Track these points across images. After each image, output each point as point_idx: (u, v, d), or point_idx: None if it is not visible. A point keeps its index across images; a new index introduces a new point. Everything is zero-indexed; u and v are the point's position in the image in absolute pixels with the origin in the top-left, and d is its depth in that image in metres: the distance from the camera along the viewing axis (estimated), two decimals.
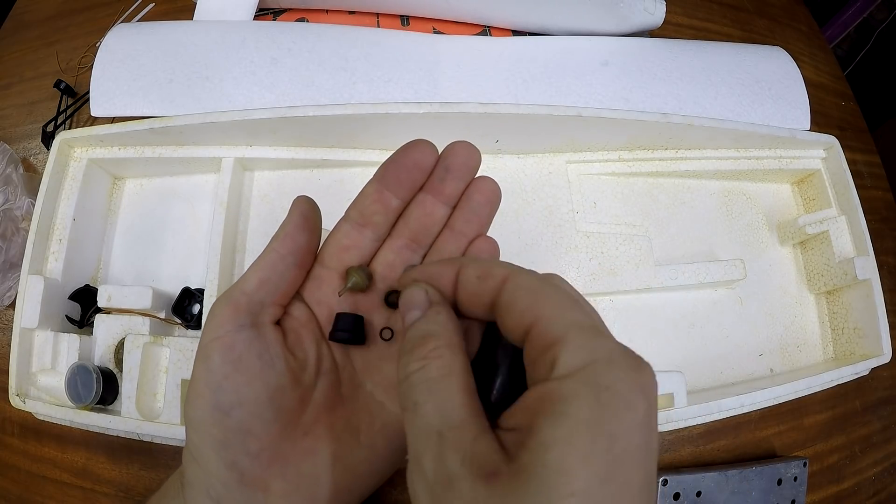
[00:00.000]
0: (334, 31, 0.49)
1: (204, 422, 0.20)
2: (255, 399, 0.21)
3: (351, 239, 0.23)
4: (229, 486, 0.20)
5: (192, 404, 0.21)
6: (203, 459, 0.21)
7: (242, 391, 0.21)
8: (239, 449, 0.20)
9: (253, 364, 0.21)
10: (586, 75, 0.49)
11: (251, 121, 0.40)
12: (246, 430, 0.21)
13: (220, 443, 0.20)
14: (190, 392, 0.21)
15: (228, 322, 0.21)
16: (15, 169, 0.45)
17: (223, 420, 0.20)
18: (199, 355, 0.21)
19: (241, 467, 0.20)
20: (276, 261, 0.22)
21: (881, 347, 0.44)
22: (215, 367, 0.21)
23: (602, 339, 0.16)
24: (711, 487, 0.40)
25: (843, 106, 0.61)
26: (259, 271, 0.22)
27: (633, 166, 0.48)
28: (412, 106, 0.40)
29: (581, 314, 0.17)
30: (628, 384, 0.15)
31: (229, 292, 0.22)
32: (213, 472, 0.20)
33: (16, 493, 0.40)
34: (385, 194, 0.22)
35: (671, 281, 0.44)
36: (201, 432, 0.21)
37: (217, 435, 0.20)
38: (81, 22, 0.55)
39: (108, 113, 0.44)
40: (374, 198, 0.23)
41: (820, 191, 0.50)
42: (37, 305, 0.37)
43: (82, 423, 0.37)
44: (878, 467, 0.48)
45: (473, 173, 0.23)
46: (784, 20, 0.65)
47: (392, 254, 0.23)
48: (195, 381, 0.21)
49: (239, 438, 0.20)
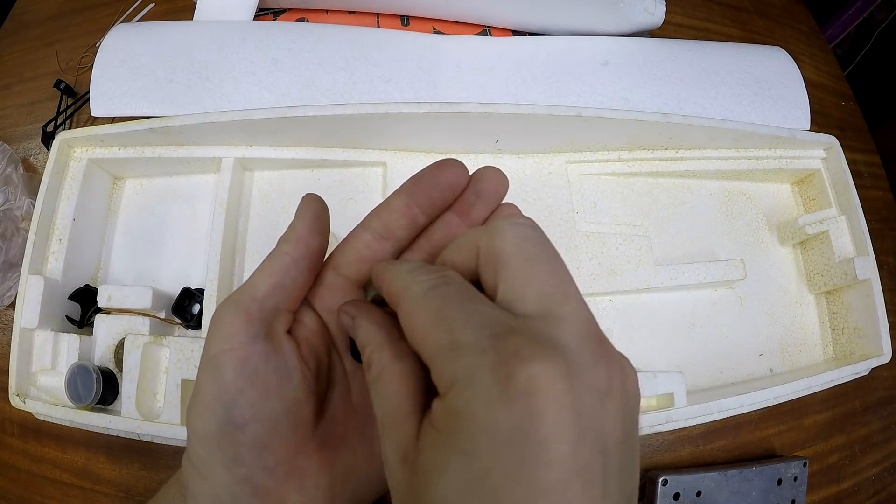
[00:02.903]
0: (334, 31, 0.49)
1: (213, 436, 0.20)
2: (271, 414, 0.20)
3: (372, 251, 0.22)
4: (240, 500, 0.20)
5: (199, 417, 0.20)
6: (211, 475, 0.20)
7: (258, 406, 0.20)
8: (254, 464, 0.20)
9: (269, 378, 0.20)
10: (586, 75, 0.49)
11: (251, 121, 0.40)
12: (262, 445, 0.20)
13: (232, 459, 0.20)
14: (196, 404, 0.20)
15: (241, 332, 0.20)
16: (15, 169, 0.45)
17: (237, 436, 0.20)
18: (207, 365, 0.20)
19: (255, 482, 0.20)
20: (288, 265, 0.21)
21: (881, 347, 0.44)
22: (229, 381, 0.20)
23: (462, 358, 0.15)
24: (711, 487, 0.40)
25: (843, 106, 0.61)
26: (271, 276, 0.21)
27: (633, 166, 0.48)
28: (412, 106, 0.40)
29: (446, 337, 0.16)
30: (485, 404, 0.14)
31: (238, 298, 0.21)
32: (223, 487, 0.20)
33: (16, 493, 0.40)
34: (414, 210, 0.21)
35: (671, 281, 0.44)
36: (209, 447, 0.20)
37: (229, 451, 0.20)
38: (81, 22, 0.55)
39: (108, 113, 0.44)
40: (402, 212, 0.21)
41: (820, 191, 0.50)
42: (37, 305, 0.37)
43: (82, 423, 0.37)
44: (878, 467, 0.48)
45: (501, 200, 0.22)
46: (784, 20, 0.65)
47: None
48: (203, 394, 0.20)
49: (254, 454, 0.20)
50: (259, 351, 0.20)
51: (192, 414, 0.20)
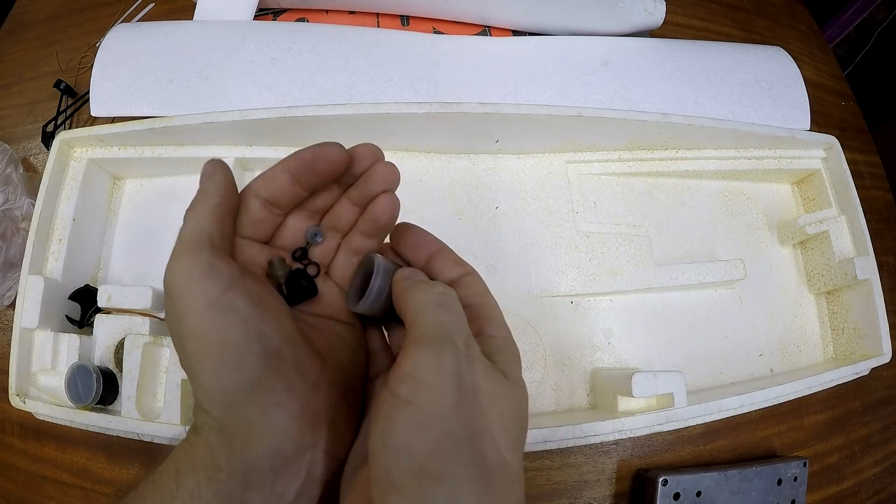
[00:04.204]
0: (334, 31, 0.49)
1: (261, 378, 0.18)
2: (290, 332, 0.20)
3: (261, 214, 0.22)
4: (303, 435, 0.19)
5: (239, 366, 0.18)
6: (267, 424, 0.18)
7: (281, 329, 0.20)
8: (305, 388, 0.20)
9: (272, 301, 0.20)
10: (586, 75, 0.49)
11: (251, 121, 0.40)
12: (300, 366, 0.20)
13: (286, 391, 0.19)
14: (223, 354, 0.18)
15: (226, 268, 0.19)
16: (15, 169, 0.45)
17: (281, 365, 0.19)
18: (212, 313, 0.18)
19: (314, 407, 0.20)
20: (218, 204, 0.21)
21: (881, 347, 0.44)
22: (248, 315, 0.19)
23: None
24: (711, 487, 0.40)
25: (843, 106, 0.61)
26: (209, 215, 0.20)
27: (633, 166, 0.48)
28: (412, 106, 0.40)
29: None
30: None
31: (197, 243, 0.19)
32: (281, 432, 0.19)
33: (16, 493, 0.40)
34: (297, 188, 0.22)
35: (671, 281, 0.44)
36: (261, 392, 0.18)
37: (279, 385, 0.19)
38: (81, 22, 0.55)
39: (108, 113, 0.44)
40: (287, 189, 0.22)
41: (820, 191, 0.50)
42: (37, 305, 0.37)
43: (82, 423, 0.37)
44: (878, 467, 0.48)
45: (377, 173, 0.22)
46: (784, 20, 0.65)
47: (299, 222, 0.23)
48: (226, 341, 0.18)
49: (300, 376, 0.20)
50: (250, 280, 0.20)
51: (225, 368, 0.18)
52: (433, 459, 0.16)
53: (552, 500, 0.41)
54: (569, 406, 0.42)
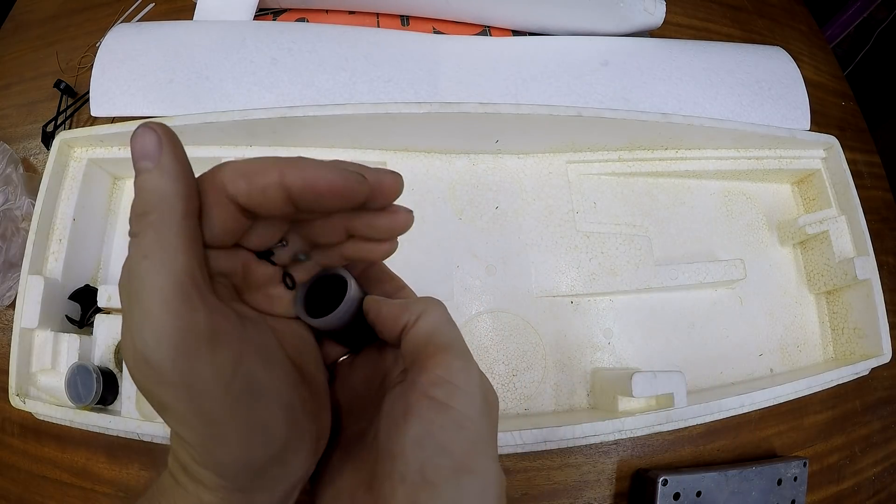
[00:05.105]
0: (334, 31, 0.49)
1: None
2: (288, 367, 0.19)
3: (235, 223, 0.18)
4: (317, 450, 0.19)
5: (263, 446, 0.16)
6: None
7: (285, 367, 0.18)
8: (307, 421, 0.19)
9: (263, 338, 0.18)
10: (586, 75, 0.49)
11: (251, 121, 0.40)
12: (287, 405, 0.18)
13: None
14: (239, 440, 0.16)
15: (232, 335, 0.16)
16: (15, 169, 0.45)
17: (295, 415, 0.18)
18: (234, 395, 0.15)
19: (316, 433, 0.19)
20: (191, 226, 0.16)
21: (881, 347, 0.44)
22: (267, 384, 0.17)
23: None
24: (711, 487, 0.40)
25: (843, 106, 0.61)
26: (182, 248, 0.15)
27: (632, 166, 0.48)
28: (412, 106, 0.40)
29: None
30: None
31: (180, 295, 0.15)
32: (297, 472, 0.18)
33: (16, 493, 0.40)
34: (289, 208, 0.18)
35: (671, 281, 0.44)
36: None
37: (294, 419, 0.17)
38: (81, 22, 0.55)
39: (108, 113, 0.44)
40: (278, 206, 0.18)
41: (820, 191, 0.50)
42: (37, 305, 0.37)
43: (82, 423, 0.37)
44: (878, 467, 0.48)
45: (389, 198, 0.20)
46: (784, 20, 0.65)
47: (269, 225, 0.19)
48: (251, 425, 0.16)
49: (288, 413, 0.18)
50: (251, 328, 0.18)
51: (255, 448, 0.16)
52: (468, 458, 0.17)
53: (552, 500, 0.41)
54: (569, 406, 0.42)
